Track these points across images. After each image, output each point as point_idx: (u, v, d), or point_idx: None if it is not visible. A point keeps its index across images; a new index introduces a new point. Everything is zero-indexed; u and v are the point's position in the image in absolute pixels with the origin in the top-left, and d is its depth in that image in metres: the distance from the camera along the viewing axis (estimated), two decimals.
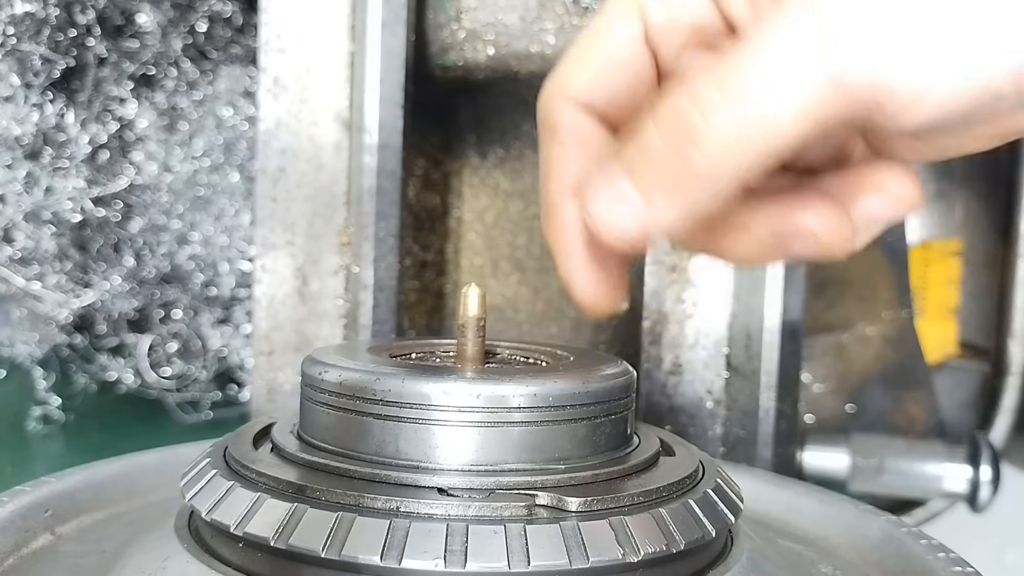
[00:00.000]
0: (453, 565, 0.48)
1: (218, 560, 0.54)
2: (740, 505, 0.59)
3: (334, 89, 0.97)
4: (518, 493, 0.53)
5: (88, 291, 1.37)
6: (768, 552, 0.61)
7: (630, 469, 0.57)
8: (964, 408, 1.41)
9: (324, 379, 0.58)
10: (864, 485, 1.23)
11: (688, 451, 0.63)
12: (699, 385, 0.96)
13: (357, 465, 0.54)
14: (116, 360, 1.42)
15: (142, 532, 0.61)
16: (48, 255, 1.34)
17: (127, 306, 1.39)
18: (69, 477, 0.70)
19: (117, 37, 1.25)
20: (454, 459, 0.54)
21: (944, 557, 0.62)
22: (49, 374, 1.41)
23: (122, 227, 1.36)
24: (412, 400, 0.54)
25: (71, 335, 1.41)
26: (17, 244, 1.32)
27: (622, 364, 0.62)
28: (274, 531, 0.50)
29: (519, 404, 0.54)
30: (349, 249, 0.95)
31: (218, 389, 1.44)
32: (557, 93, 0.55)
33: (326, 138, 0.98)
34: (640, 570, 0.51)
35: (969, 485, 1.23)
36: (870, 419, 1.40)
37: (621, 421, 0.60)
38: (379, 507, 0.51)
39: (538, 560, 0.48)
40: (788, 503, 0.74)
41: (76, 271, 1.37)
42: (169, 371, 1.42)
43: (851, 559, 0.67)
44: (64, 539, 0.65)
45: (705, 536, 0.54)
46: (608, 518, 0.51)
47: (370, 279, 0.98)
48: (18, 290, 1.35)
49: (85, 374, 1.42)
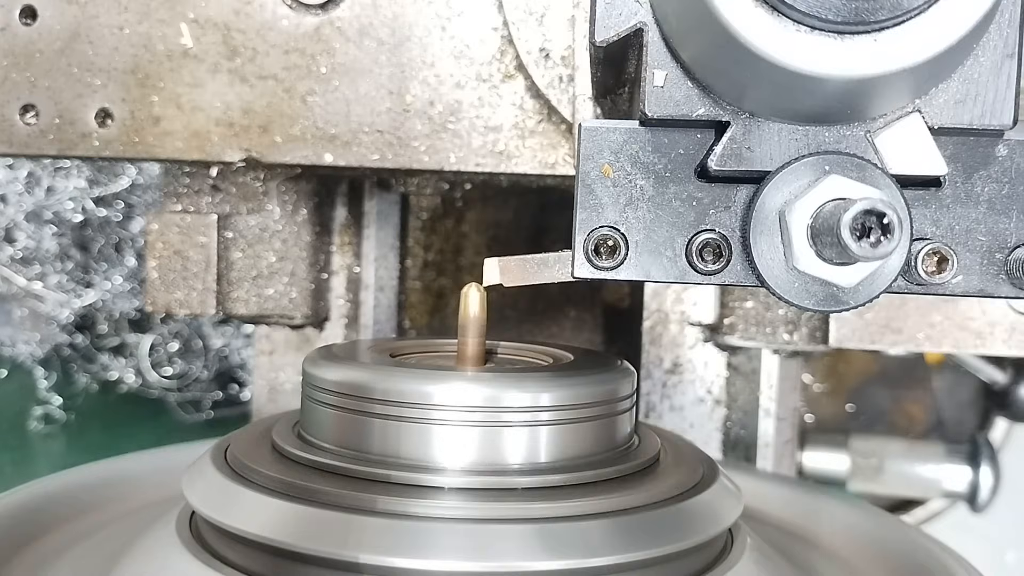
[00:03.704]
0: (454, 565, 0.48)
1: (219, 560, 0.54)
2: (740, 505, 0.59)
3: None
4: (518, 493, 0.53)
5: (89, 291, 1.37)
6: (768, 551, 0.61)
7: (631, 469, 0.57)
8: (964, 408, 1.41)
9: (325, 379, 0.58)
10: (864, 485, 1.23)
11: (688, 451, 0.63)
12: (699, 385, 0.96)
13: (358, 465, 0.54)
14: (117, 360, 1.42)
15: (142, 532, 0.61)
16: (49, 255, 1.34)
17: (128, 306, 1.39)
18: (69, 477, 0.70)
19: None
20: (455, 459, 0.54)
21: (945, 556, 0.62)
22: (50, 374, 1.42)
23: (123, 227, 1.36)
24: (413, 400, 0.55)
25: (72, 335, 1.41)
26: (18, 244, 1.32)
27: (622, 364, 0.62)
28: (275, 531, 0.50)
29: (520, 404, 0.55)
30: (350, 249, 0.96)
31: (219, 389, 1.45)
32: None
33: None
34: (641, 570, 0.51)
35: (969, 485, 1.24)
36: (870, 419, 1.40)
37: (621, 421, 0.60)
38: (380, 507, 0.51)
39: (539, 560, 0.49)
40: (788, 502, 0.74)
41: (77, 271, 1.37)
42: (170, 371, 1.42)
43: (852, 558, 0.67)
44: (65, 539, 0.65)
45: (706, 536, 0.54)
46: (609, 518, 0.51)
47: (371, 279, 0.98)
48: (19, 290, 1.35)
49: (86, 374, 1.43)
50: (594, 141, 0.48)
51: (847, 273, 0.44)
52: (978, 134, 0.46)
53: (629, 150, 0.48)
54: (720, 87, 0.45)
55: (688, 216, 0.48)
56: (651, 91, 0.46)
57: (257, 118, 0.77)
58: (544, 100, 0.75)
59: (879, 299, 0.46)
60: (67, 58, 0.78)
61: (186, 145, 0.78)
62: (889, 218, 0.39)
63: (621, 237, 0.48)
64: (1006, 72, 0.44)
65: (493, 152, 0.77)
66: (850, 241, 0.39)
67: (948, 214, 0.47)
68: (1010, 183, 0.47)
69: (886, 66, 0.41)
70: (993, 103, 0.45)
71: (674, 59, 0.46)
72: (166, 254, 0.85)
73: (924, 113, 0.45)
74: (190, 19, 0.77)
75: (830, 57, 0.41)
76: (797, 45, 0.41)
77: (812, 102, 0.44)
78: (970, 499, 1.24)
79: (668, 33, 0.45)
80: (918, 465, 1.24)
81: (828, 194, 0.44)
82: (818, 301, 0.45)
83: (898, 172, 0.45)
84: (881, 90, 0.43)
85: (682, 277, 0.48)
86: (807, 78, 0.41)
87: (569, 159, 0.76)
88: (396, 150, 0.77)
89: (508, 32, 0.75)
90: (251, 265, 0.87)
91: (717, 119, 0.46)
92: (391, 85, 0.77)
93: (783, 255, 0.45)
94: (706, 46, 0.44)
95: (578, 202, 0.48)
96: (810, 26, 0.40)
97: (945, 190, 0.47)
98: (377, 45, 0.76)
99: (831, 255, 0.43)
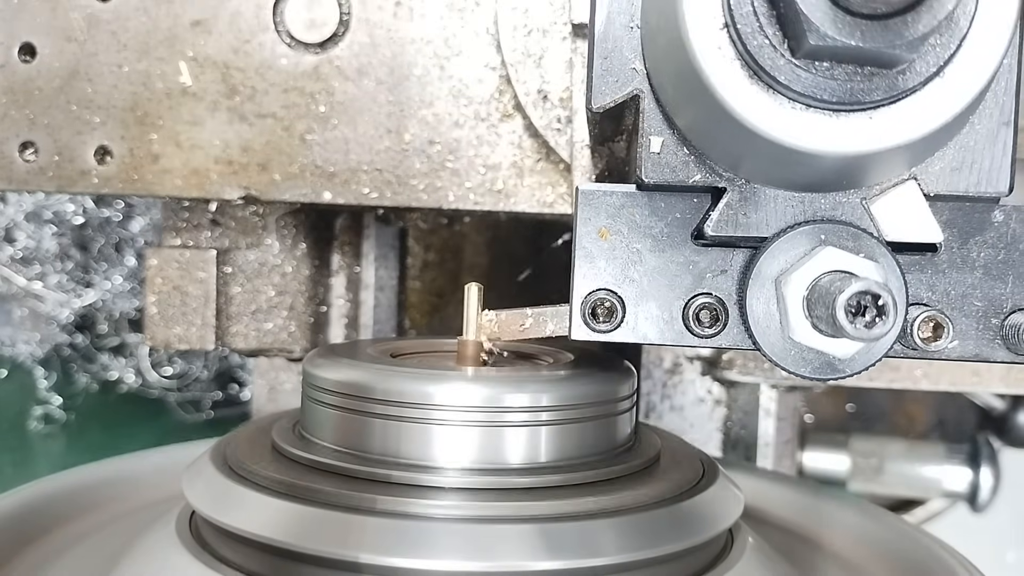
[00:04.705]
0: (454, 564, 0.48)
1: (219, 560, 0.54)
2: (740, 505, 0.59)
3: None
4: (518, 492, 0.53)
5: (89, 291, 1.37)
6: (768, 550, 0.61)
7: (631, 469, 0.57)
8: (964, 408, 1.41)
9: (326, 378, 0.58)
10: (864, 485, 1.23)
11: (688, 451, 0.63)
12: (699, 385, 0.96)
13: (358, 465, 0.54)
14: (117, 360, 1.42)
15: (143, 532, 0.61)
16: (49, 255, 1.34)
17: (128, 305, 1.39)
18: (69, 477, 0.70)
19: None
20: (455, 459, 0.54)
21: (945, 556, 0.62)
22: (50, 374, 1.42)
23: (123, 227, 1.36)
24: (413, 400, 0.54)
25: (72, 335, 1.41)
26: (19, 244, 1.32)
27: (622, 364, 0.62)
28: (275, 531, 0.50)
29: (520, 404, 0.55)
30: (350, 249, 0.96)
31: (219, 388, 1.45)
32: None
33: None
34: (642, 569, 0.51)
35: (969, 485, 1.23)
36: (870, 419, 1.40)
37: (621, 421, 0.60)
38: (380, 507, 0.51)
39: (539, 559, 0.49)
40: (788, 502, 0.74)
41: (77, 271, 1.37)
42: (170, 371, 1.42)
43: (852, 557, 0.67)
44: (65, 539, 0.65)
45: (706, 536, 0.54)
46: (609, 518, 0.51)
47: (371, 279, 0.98)
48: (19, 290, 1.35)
49: (86, 373, 1.43)
50: (591, 204, 0.49)
51: (843, 345, 0.44)
52: (974, 200, 0.46)
53: (626, 213, 0.48)
54: (716, 155, 0.46)
55: (685, 280, 0.48)
56: (647, 157, 0.46)
57: (256, 156, 0.77)
58: (542, 140, 0.76)
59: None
60: (66, 95, 0.78)
61: (185, 183, 0.78)
62: (884, 300, 0.39)
63: (618, 300, 0.49)
64: (1002, 139, 0.45)
65: (491, 191, 0.77)
66: (845, 323, 0.40)
67: (944, 279, 0.47)
68: (1006, 248, 0.47)
69: (882, 143, 0.41)
70: (989, 170, 0.45)
71: (670, 126, 0.46)
72: (165, 289, 0.85)
73: (920, 180, 0.45)
74: (189, 57, 0.77)
75: (826, 135, 0.41)
76: (792, 123, 0.41)
77: (808, 174, 0.44)
78: (970, 499, 1.24)
79: (664, 101, 0.46)
80: (918, 465, 1.24)
81: (824, 266, 0.44)
82: (814, 369, 0.46)
83: (894, 239, 0.45)
84: (877, 164, 0.43)
85: (679, 340, 0.49)
86: (803, 154, 0.41)
87: (567, 198, 0.76)
88: (395, 188, 0.77)
89: (506, 72, 0.75)
90: (250, 300, 0.87)
91: (714, 185, 0.46)
92: (390, 124, 0.77)
93: (779, 323, 0.45)
94: (701, 118, 0.44)
95: (575, 265, 0.49)
96: (806, 104, 0.40)
97: (941, 255, 0.47)
98: (376, 84, 0.76)
99: (826, 329, 0.43)
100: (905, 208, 0.45)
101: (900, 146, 0.41)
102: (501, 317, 0.58)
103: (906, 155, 0.43)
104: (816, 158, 0.41)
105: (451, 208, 0.77)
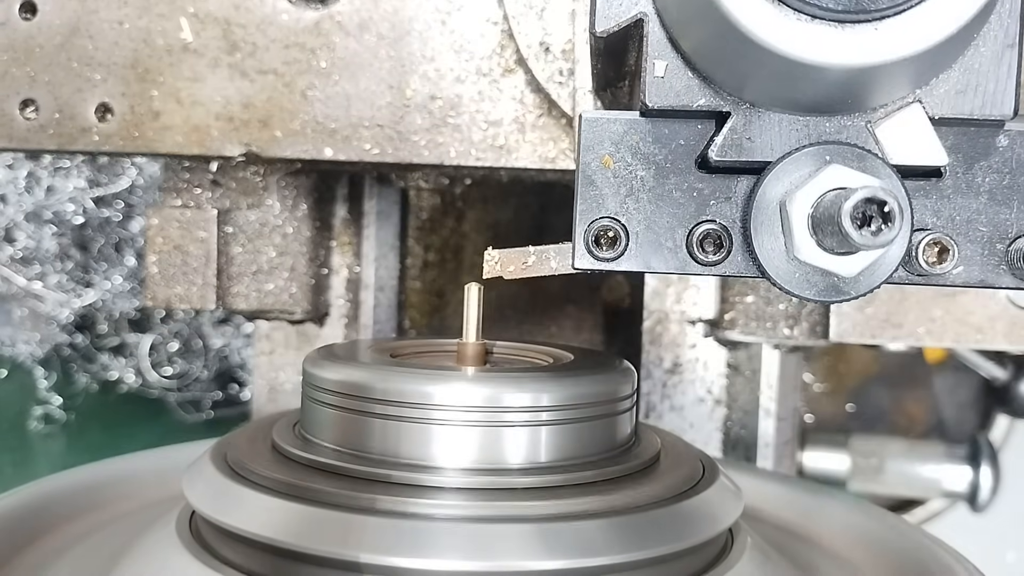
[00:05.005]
0: (453, 564, 0.48)
1: (219, 560, 0.54)
2: (740, 504, 0.59)
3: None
4: (519, 492, 0.53)
5: (89, 291, 1.37)
6: (768, 550, 0.61)
7: (631, 469, 0.57)
8: (964, 408, 1.41)
9: (326, 378, 0.58)
10: (864, 485, 1.23)
11: (688, 451, 0.63)
12: (699, 385, 0.96)
13: (358, 464, 0.54)
14: (117, 360, 1.42)
15: (142, 532, 0.61)
16: (49, 255, 1.34)
17: (128, 306, 1.39)
18: (69, 477, 0.70)
19: None
20: (455, 459, 0.54)
21: (945, 556, 0.62)
22: (50, 374, 1.42)
23: (123, 227, 1.36)
24: (413, 400, 0.55)
25: (72, 335, 1.41)
26: (18, 244, 1.32)
27: (622, 364, 0.62)
28: (275, 531, 0.50)
29: (520, 404, 0.55)
30: (350, 248, 0.96)
31: (219, 388, 1.45)
32: None
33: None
34: (641, 570, 0.51)
35: (969, 485, 1.24)
36: (870, 419, 1.40)
37: (621, 421, 0.60)
38: (380, 507, 0.51)
39: (539, 559, 0.49)
40: (788, 501, 0.74)
41: (77, 271, 1.37)
42: (170, 370, 1.42)
43: (852, 557, 0.67)
44: (65, 539, 0.65)
45: (706, 536, 0.54)
46: (609, 518, 0.51)
47: (371, 279, 0.98)
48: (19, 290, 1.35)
49: (86, 373, 1.43)
50: (594, 132, 0.48)
51: (848, 263, 0.44)
52: (979, 124, 0.46)
53: (629, 141, 0.48)
54: (721, 77, 0.45)
55: (689, 207, 0.48)
56: (651, 81, 0.46)
57: (257, 112, 0.77)
58: (544, 94, 0.75)
59: (879, 291, 0.46)
60: (67, 53, 0.78)
61: (186, 140, 0.78)
62: (890, 206, 0.39)
63: (621, 228, 0.48)
64: (1007, 62, 0.44)
65: (493, 146, 0.77)
66: (851, 229, 0.39)
67: (949, 204, 0.47)
68: (1011, 173, 0.47)
69: (887, 55, 0.41)
70: (994, 93, 0.45)
71: (675, 49, 0.46)
72: (166, 249, 0.85)
73: (925, 103, 0.45)
74: (190, 13, 0.77)
75: (831, 46, 0.40)
76: (798, 34, 0.40)
77: (813, 92, 0.44)
78: (970, 499, 1.24)
79: (669, 23, 0.45)
80: (918, 465, 1.24)
81: (829, 183, 0.43)
82: (819, 291, 0.45)
83: (899, 162, 0.45)
84: (882, 79, 0.43)
85: (683, 268, 0.48)
86: (808, 67, 0.41)
87: (569, 154, 0.76)
88: (396, 144, 0.77)
89: (508, 26, 0.75)
90: (251, 260, 0.87)
91: (718, 109, 0.46)
92: (391, 79, 0.77)
93: (784, 246, 0.45)
94: (707, 36, 0.44)
95: (578, 193, 0.48)
96: (811, 15, 0.40)
97: (946, 180, 0.47)
98: (377, 39, 0.76)
99: (832, 244, 0.43)
100: (910, 131, 0.45)
101: (906, 59, 0.41)
102: (504, 255, 0.57)
103: (911, 71, 0.43)
104: (821, 72, 0.41)
105: (452, 164, 0.77)
